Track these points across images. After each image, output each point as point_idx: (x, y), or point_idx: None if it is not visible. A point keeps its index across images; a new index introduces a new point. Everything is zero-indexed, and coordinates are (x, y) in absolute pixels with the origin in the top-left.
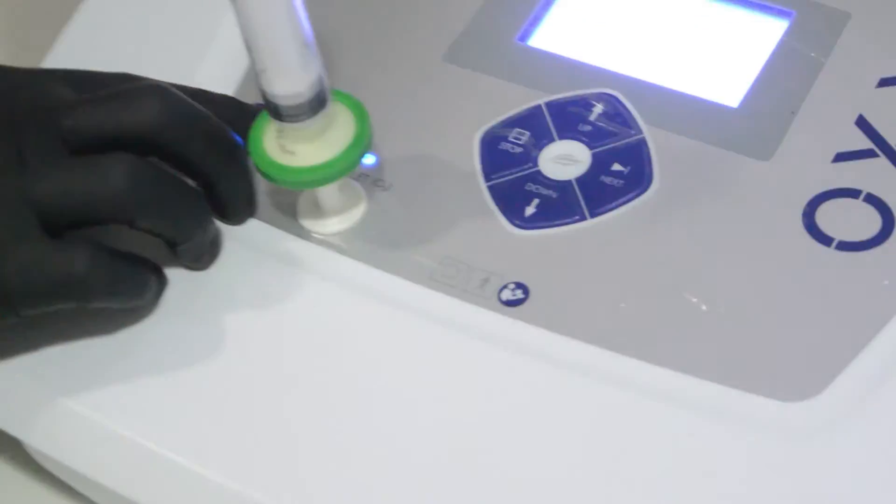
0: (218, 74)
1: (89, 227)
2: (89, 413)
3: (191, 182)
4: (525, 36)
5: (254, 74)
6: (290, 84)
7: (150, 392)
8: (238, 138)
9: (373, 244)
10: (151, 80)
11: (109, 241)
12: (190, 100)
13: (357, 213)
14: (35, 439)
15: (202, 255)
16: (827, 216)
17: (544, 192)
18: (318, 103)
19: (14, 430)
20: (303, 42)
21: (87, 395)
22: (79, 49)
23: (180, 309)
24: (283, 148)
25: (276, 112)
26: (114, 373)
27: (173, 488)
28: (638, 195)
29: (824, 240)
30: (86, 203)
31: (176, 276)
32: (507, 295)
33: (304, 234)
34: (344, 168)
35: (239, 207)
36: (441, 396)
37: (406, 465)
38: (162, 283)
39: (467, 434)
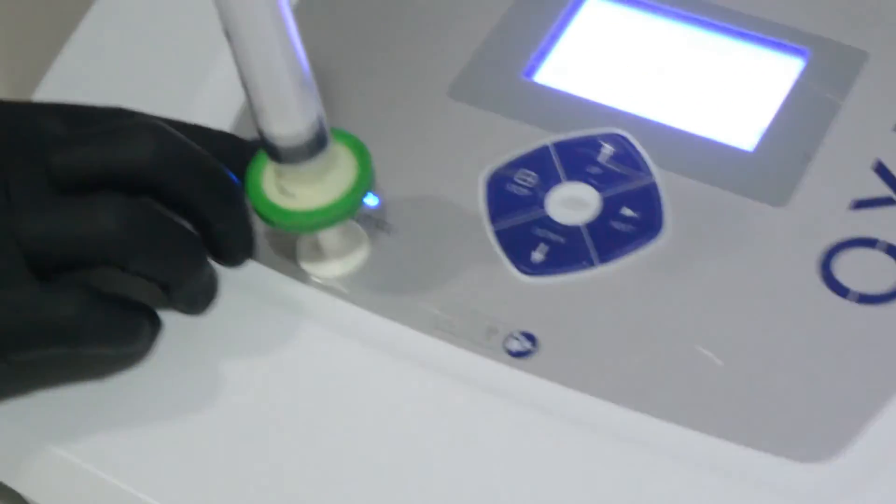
0: (215, 107)
1: (81, 270)
2: (80, 462)
3: (186, 223)
4: (531, 71)
5: (251, 114)
6: (288, 125)
7: (143, 441)
8: (235, 178)
9: (375, 290)
10: (146, 116)
11: (103, 283)
12: (185, 138)
13: (359, 256)
14: (25, 487)
15: (197, 299)
16: (844, 267)
17: (552, 237)
18: (317, 144)
19: (3, 477)
20: (301, 81)
21: (77, 444)
22: (71, 80)
23: (175, 355)
24: (281, 189)
25: (274, 153)
26: (106, 421)
27: None
28: (649, 242)
29: (842, 291)
30: (74, 246)
31: (171, 320)
32: (514, 346)
33: (303, 278)
34: (345, 212)
35: (236, 249)
36: (445, 452)
37: None
38: (156, 328)
39: (472, 493)
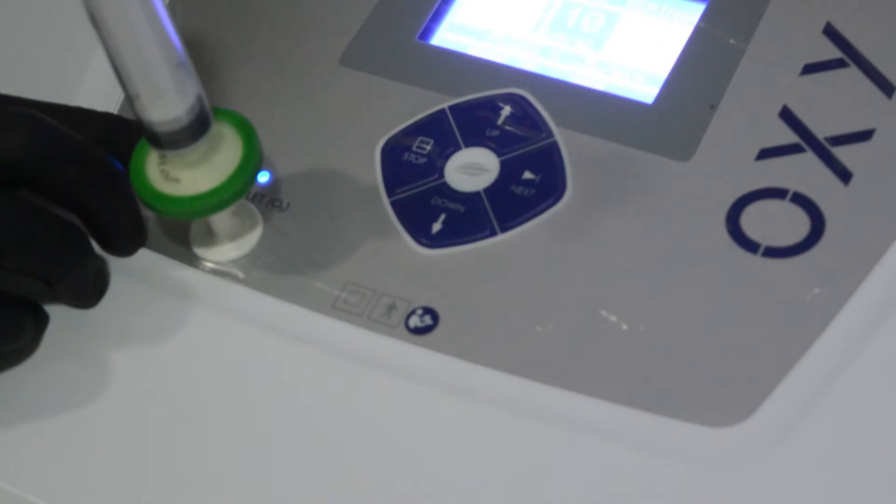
0: (101, 90)
1: None
2: None
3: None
4: (426, 34)
5: (127, 100)
6: (165, 109)
7: (29, 442)
8: (118, 164)
9: (270, 271)
10: (22, 101)
11: None
12: (60, 127)
13: (253, 237)
14: None
15: (85, 292)
16: (752, 220)
17: (451, 205)
18: (199, 127)
19: None
20: (175, 62)
21: None
22: None
23: (63, 348)
24: (166, 175)
25: (154, 139)
26: None
27: None
28: (551, 205)
29: (750, 246)
30: None
31: (60, 312)
32: (414, 322)
33: (197, 263)
34: (232, 195)
35: (124, 239)
36: (346, 434)
37: None
38: (41, 322)
39: (374, 473)
